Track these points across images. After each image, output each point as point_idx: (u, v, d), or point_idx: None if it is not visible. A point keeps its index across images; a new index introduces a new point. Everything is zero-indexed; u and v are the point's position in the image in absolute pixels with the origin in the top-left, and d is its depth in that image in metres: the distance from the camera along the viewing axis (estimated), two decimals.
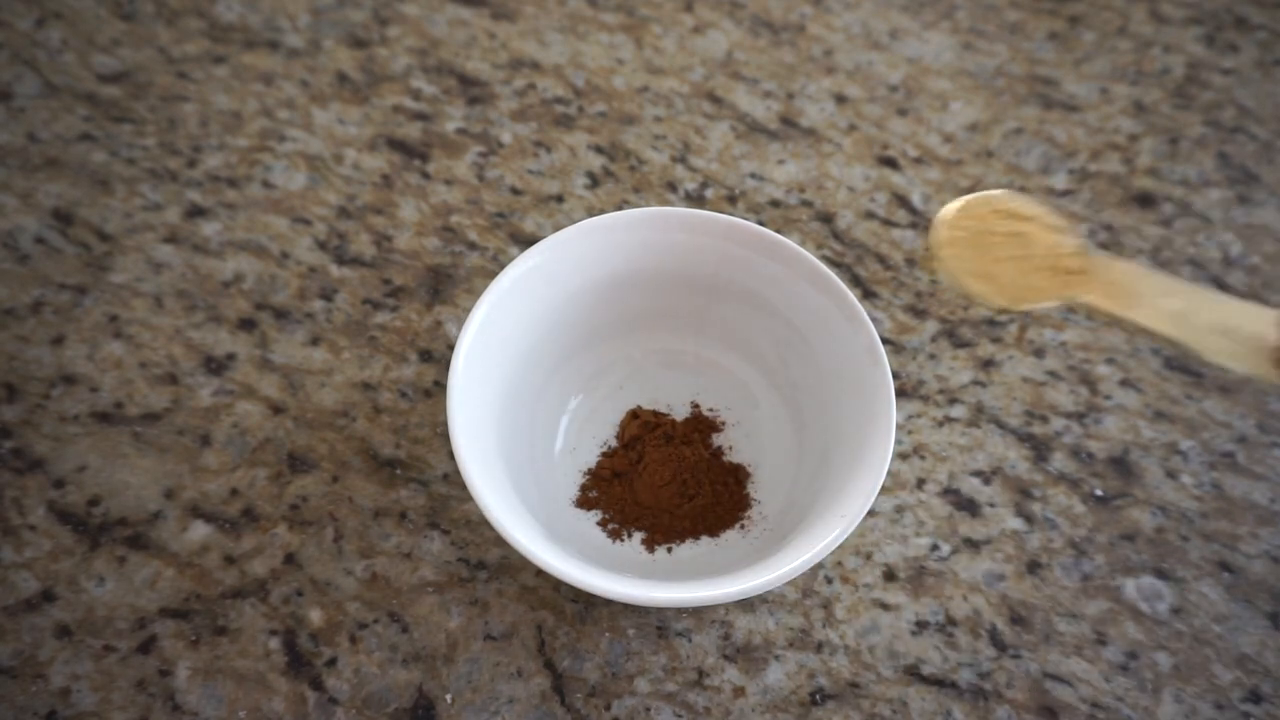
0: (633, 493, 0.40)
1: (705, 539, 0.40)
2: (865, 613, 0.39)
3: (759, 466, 0.41)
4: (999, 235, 0.25)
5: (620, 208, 0.50)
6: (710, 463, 0.41)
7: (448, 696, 0.37)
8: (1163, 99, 0.56)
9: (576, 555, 0.34)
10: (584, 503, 0.40)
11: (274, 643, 0.38)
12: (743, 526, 0.40)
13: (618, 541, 0.39)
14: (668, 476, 0.40)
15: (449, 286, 0.47)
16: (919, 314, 0.47)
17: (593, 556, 0.37)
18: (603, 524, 0.40)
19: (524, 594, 0.39)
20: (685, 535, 0.40)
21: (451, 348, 0.46)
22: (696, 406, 0.43)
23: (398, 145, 0.52)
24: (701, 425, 0.42)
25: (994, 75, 0.56)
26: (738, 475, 0.41)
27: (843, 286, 0.37)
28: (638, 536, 0.40)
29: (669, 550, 0.39)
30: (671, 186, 0.51)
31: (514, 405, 0.39)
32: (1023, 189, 0.52)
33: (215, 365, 0.44)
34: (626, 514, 0.40)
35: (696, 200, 0.51)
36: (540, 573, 0.40)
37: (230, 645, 0.38)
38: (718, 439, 0.42)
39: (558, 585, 0.39)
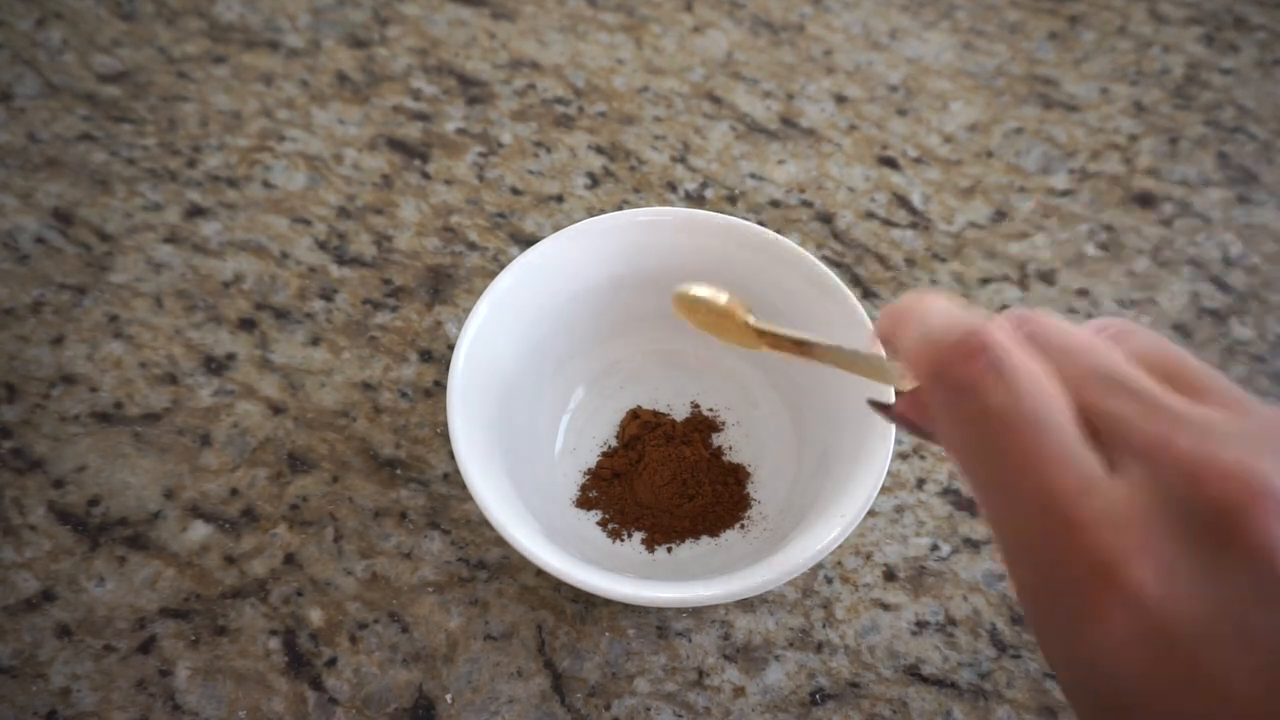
0: (633, 493, 0.40)
1: (705, 539, 0.40)
2: (865, 613, 0.39)
3: (759, 466, 0.41)
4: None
5: (620, 208, 0.50)
6: (710, 463, 0.41)
7: (448, 696, 0.37)
8: (1163, 99, 0.56)
9: (577, 555, 0.34)
10: (584, 503, 0.40)
11: (274, 643, 0.38)
12: (743, 526, 0.40)
13: (618, 541, 0.39)
14: (668, 476, 0.40)
15: (449, 286, 0.47)
16: None
17: (593, 557, 0.37)
18: (603, 524, 0.40)
19: (524, 594, 0.39)
20: (685, 535, 0.40)
21: (452, 348, 0.46)
22: (696, 406, 0.43)
23: (398, 145, 0.52)
24: (701, 425, 0.42)
25: (994, 75, 0.56)
26: (738, 475, 0.41)
27: (843, 287, 0.37)
28: (638, 536, 0.40)
29: (669, 550, 0.39)
30: (671, 186, 0.51)
31: (514, 405, 0.39)
32: (1022, 189, 0.52)
33: (215, 365, 0.44)
34: (626, 514, 0.40)
35: (696, 200, 0.51)
36: (540, 573, 0.40)
37: (230, 645, 0.38)
38: (717, 439, 0.42)
39: (558, 585, 0.39)
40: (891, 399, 0.25)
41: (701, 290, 0.28)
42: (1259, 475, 0.17)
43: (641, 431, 0.42)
